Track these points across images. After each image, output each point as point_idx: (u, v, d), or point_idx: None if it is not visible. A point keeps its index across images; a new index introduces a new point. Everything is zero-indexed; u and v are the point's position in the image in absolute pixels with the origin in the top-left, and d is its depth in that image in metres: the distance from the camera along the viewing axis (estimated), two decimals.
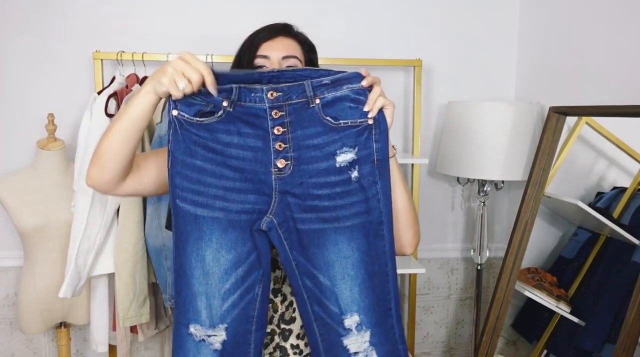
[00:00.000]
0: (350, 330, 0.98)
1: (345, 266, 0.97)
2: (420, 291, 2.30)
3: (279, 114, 0.93)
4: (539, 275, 1.78)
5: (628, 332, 1.37)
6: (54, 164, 1.80)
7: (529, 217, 1.79)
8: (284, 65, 1.11)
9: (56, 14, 1.98)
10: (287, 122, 0.94)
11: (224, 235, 0.95)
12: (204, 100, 0.93)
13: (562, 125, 1.77)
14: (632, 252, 1.49)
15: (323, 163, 0.95)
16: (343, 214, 0.96)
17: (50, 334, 2.11)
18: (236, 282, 0.97)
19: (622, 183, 1.58)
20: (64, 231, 1.76)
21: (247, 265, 0.97)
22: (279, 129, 0.94)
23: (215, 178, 0.94)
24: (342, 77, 0.94)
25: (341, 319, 0.98)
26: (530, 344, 1.80)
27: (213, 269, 0.96)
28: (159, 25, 2.03)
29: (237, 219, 0.95)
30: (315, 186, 0.95)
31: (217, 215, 0.95)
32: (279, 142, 0.94)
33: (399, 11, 2.16)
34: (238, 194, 0.95)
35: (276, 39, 1.13)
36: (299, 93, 0.93)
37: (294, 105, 0.93)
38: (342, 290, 0.97)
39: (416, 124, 2.08)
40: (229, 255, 0.96)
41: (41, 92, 2.00)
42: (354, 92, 0.95)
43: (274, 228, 0.95)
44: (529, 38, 2.14)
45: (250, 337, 0.99)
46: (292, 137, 0.94)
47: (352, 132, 0.95)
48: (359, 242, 0.97)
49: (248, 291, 0.97)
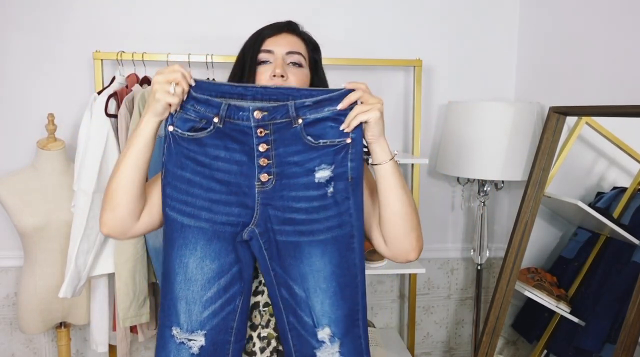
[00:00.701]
0: (323, 342, 1.02)
1: (318, 279, 1.01)
2: (420, 291, 2.30)
3: (263, 133, 0.98)
4: (539, 275, 1.78)
5: (628, 332, 1.37)
6: (54, 164, 1.80)
7: (529, 217, 1.79)
8: (288, 60, 1.12)
9: (56, 14, 1.98)
10: (271, 140, 0.98)
11: (209, 245, 1.00)
12: (197, 116, 0.98)
13: (562, 125, 1.77)
14: (632, 252, 1.49)
15: (303, 178, 1.00)
16: (317, 228, 1.00)
17: (50, 334, 2.11)
18: (218, 292, 1.00)
19: (622, 183, 1.58)
20: (64, 231, 1.76)
21: (230, 276, 1.01)
22: (264, 146, 0.98)
23: (202, 190, 0.99)
24: (324, 99, 0.98)
25: (314, 332, 1.01)
26: (530, 344, 1.80)
27: (196, 277, 1.00)
28: (159, 25, 2.03)
29: (221, 230, 1.00)
30: (294, 199, 0.99)
31: (203, 225, 0.99)
32: (263, 158, 0.98)
33: (399, 11, 2.16)
34: (223, 206, 0.99)
35: (280, 35, 1.14)
36: (283, 113, 0.97)
37: (278, 125, 0.98)
38: (314, 302, 1.01)
39: (416, 124, 2.07)
40: (212, 265, 1.00)
41: (41, 92, 2.00)
42: (335, 113, 0.98)
43: (255, 238, 0.99)
44: (529, 38, 2.14)
45: (228, 348, 1.02)
46: (275, 154, 0.99)
47: (330, 151, 0.99)
48: (331, 255, 1.01)
49: (229, 302, 1.01)
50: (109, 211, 1.02)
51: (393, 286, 2.33)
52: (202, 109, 0.97)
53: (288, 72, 1.11)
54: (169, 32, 2.03)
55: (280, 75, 1.09)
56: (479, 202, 2.09)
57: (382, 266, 1.94)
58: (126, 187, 1.00)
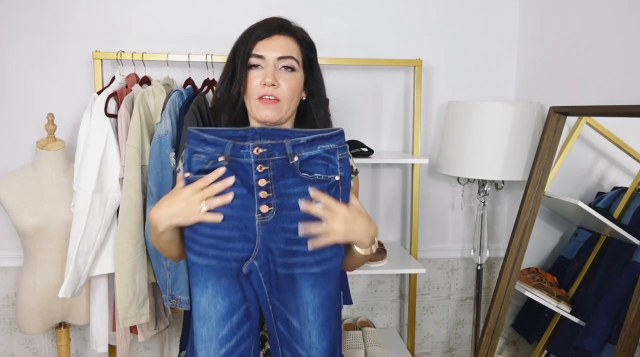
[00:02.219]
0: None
1: (307, 311, 1.03)
2: (420, 291, 2.30)
3: (263, 168, 1.01)
4: (539, 275, 1.78)
5: (628, 332, 1.36)
6: (54, 164, 1.80)
7: (529, 217, 1.79)
8: (279, 66, 1.12)
9: (56, 14, 1.98)
10: (270, 175, 1.01)
11: (218, 282, 1.02)
12: (206, 158, 1.02)
13: (562, 125, 1.77)
14: (632, 252, 1.49)
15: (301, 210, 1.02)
16: (309, 261, 1.02)
17: (50, 334, 2.11)
18: (232, 330, 1.03)
19: (623, 183, 1.58)
20: (63, 231, 1.75)
21: (241, 313, 1.03)
22: (263, 181, 1.01)
23: (208, 227, 1.01)
24: (316, 138, 1.02)
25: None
26: (530, 344, 1.80)
27: (210, 314, 1.02)
28: (159, 25, 2.03)
29: (228, 267, 1.02)
30: (295, 231, 1.01)
31: (211, 262, 1.02)
32: (263, 191, 1.01)
33: (399, 11, 2.16)
34: (228, 242, 1.01)
35: (272, 37, 1.13)
36: (281, 151, 1.01)
37: (277, 161, 1.01)
38: (304, 334, 1.04)
39: (416, 124, 2.07)
40: (224, 302, 1.02)
41: (41, 92, 2.00)
42: (325, 151, 1.02)
43: (255, 271, 1.01)
44: (529, 38, 2.14)
45: None
46: (275, 187, 1.01)
47: (323, 186, 1.02)
48: (321, 288, 1.03)
49: (244, 338, 1.03)
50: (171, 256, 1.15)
51: (393, 286, 2.33)
52: (210, 149, 1.01)
53: (279, 79, 1.11)
54: (169, 32, 2.03)
55: (270, 84, 1.09)
56: (479, 202, 2.09)
57: (382, 266, 1.94)
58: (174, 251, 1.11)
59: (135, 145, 1.67)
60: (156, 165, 1.67)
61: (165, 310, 1.93)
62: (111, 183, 1.71)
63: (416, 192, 2.11)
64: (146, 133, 1.72)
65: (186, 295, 1.70)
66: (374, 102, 2.18)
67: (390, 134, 2.22)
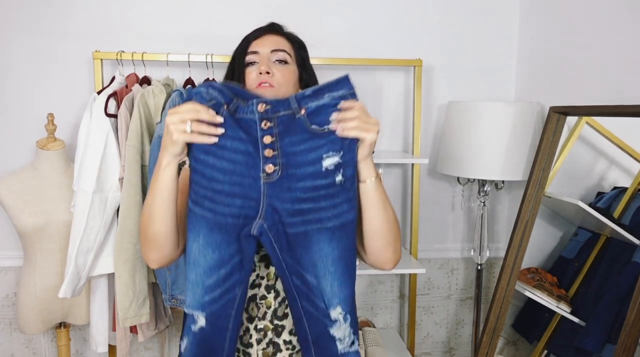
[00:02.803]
0: (336, 321, 1.04)
1: (326, 263, 1.02)
2: (420, 291, 2.30)
3: (268, 125, 0.99)
4: (539, 275, 1.78)
5: (628, 332, 1.36)
6: (54, 164, 1.80)
7: (529, 217, 1.79)
8: (273, 58, 1.17)
9: (56, 14, 1.98)
10: (276, 132, 0.99)
11: (210, 235, 1.00)
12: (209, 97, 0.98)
13: (562, 125, 1.77)
14: (632, 252, 1.49)
15: (310, 167, 0.99)
16: (325, 216, 1.01)
17: (50, 334, 2.11)
18: (217, 281, 1.01)
19: (623, 183, 1.58)
20: (63, 231, 1.76)
21: (230, 267, 1.01)
22: (268, 138, 0.99)
23: (205, 179, 0.99)
24: (322, 87, 0.99)
25: (327, 313, 1.04)
26: (530, 344, 1.80)
27: (199, 262, 1.01)
28: (159, 25, 2.03)
29: (223, 222, 1.00)
30: (302, 190, 0.99)
31: (206, 214, 1.00)
32: (268, 149, 0.99)
33: (399, 11, 2.16)
34: (226, 197, 0.99)
35: (264, 36, 1.19)
36: (286, 106, 0.99)
37: (282, 117, 0.99)
38: (324, 286, 1.03)
39: (416, 124, 2.07)
40: (213, 254, 1.01)
41: (41, 92, 2.00)
42: (335, 99, 0.99)
43: (265, 232, 0.99)
44: (529, 38, 2.14)
45: (226, 334, 1.03)
46: (281, 145, 0.99)
47: (337, 137, 0.99)
48: (339, 240, 1.02)
49: (228, 291, 1.02)
50: (155, 252, 1.07)
51: (393, 286, 2.33)
52: (215, 93, 0.98)
53: (273, 69, 1.15)
54: (169, 32, 2.03)
55: (265, 72, 1.13)
56: (479, 202, 2.09)
57: None
58: (166, 228, 1.04)
59: (135, 145, 1.67)
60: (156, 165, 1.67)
61: (165, 310, 1.93)
62: (111, 183, 1.71)
63: (416, 192, 2.11)
64: (146, 133, 1.72)
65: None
66: (374, 102, 2.17)
67: (390, 134, 2.22)
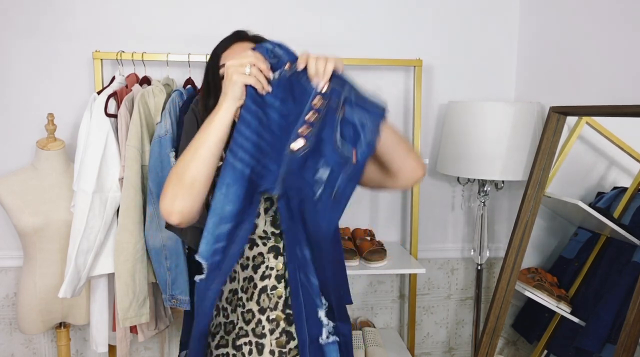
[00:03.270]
0: (323, 303, 1.10)
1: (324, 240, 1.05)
2: (420, 291, 2.30)
3: (318, 104, 1.01)
4: (539, 275, 1.78)
5: (628, 332, 1.36)
6: (54, 164, 1.80)
7: (529, 217, 1.79)
8: None
9: (56, 14, 1.98)
10: (322, 114, 1.01)
11: (232, 186, 1.01)
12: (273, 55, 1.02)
13: (562, 125, 1.77)
14: (632, 252, 1.49)
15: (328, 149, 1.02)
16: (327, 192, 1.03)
17: (50, 334, 2.11)
18: (229, 231, 1.03)
19: (623, 183, 1.58)
20: (63, 231, 1.75)
21: (244, 221, 1.03)
22: (313, 115, 1.01)
23: (249, 130, 1.01)
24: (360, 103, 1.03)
25: (318, 292, 1.09)
26: (530, 344, 1.80)
27: (217, 211, 1.02)
28: (159, 25, 2.03)
29: (248, 175, 1.02)
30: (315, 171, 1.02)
31: (236, 165, 1.01)
32: (306, 125, 1.01)
33: (399, 11, 2.16)
34: (257, 153, 1.02)
35: (232, 46, 1.20)
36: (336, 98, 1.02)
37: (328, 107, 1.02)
38: (319, 264, 1.07)
39: (416, 124, 2.07)
40: (233, 207, 1.02)
41: (41, 92, 2.00)
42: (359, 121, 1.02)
43: (283, 197, 1.03)
44: (529, 38, 2.14)
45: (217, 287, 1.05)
46: (318, 126, 1.01)
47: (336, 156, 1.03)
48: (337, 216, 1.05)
49: (238, 243, 1.04)
50: (186, 200, 1.01)
51: (393, 286, 2.33)
52: (281, 52, 1.02)
53: None
54: (169, 32, 2.03)
55: None
56: (479, 202, 2.09)
57: (382, 266, 1.94)
58: (206, 174, 1.01)
59: (135, 145, 1.67)
60: (156, 165, 1.67)
61: (165, 310, 1.93)
62: (111, 183, 1.71)
63: (416, 192, 2.11)
64: (146, 133, 1.72)
65: (186, 295, 1.70)
66: None
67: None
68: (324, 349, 1.11)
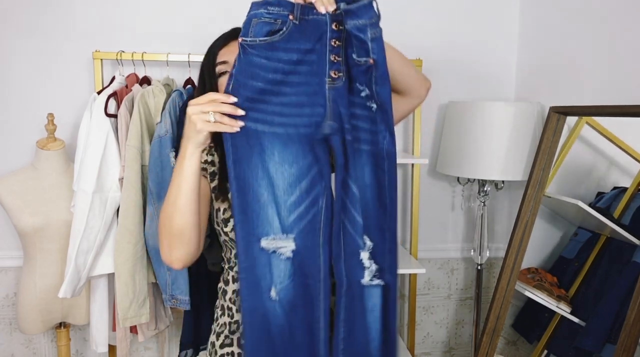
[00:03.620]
0: (365, 244, 1.03)
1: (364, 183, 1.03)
2: (420, 291, 2.30)
3: (339, 27, 0.99)
4: (539, 275, 1.78)
5: (628, 332, 1.36)
6: (54, 164, 1.80)
7: (529, 217, 1.79)
8: None
9: (56, 14, 1.98)
10: (343, 37, 0.99)
11: (285, 149, 1.00)
12: (272, 17, 0.98)
13: (562, 125, 1.77)
14: (632, 252, 1.49)
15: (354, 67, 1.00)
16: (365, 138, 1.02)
17: (50, 334, 2.11)
18: (301, 196, 1.01)
19: (623, 183, 1.58)
20: (63, 231, 1.76)
21: (310, 178, 1.01)
22: (336, 42, 0.99)
23: (273, 96, 0.99)
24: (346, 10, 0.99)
25: (362, 233, 1.03)
26: (530, 344, 1.80)
27: (277, 182, 1.00)
28: (159, 25, 2.03)
29: (295, 133, 1.00)
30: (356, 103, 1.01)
31: (277, 130, 1.00)
32: (334, 54, 0.99)
33: (399, 11, 2.16)
34: (295, 108, 1.00)
35: (230, 43, 1.18)
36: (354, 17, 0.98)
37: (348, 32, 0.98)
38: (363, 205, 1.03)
39: (416, 124, 2.07)
40: (291, 169, 1.00)
41: (41, 92, 2.00)
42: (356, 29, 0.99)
43: (335, 132, 0.99)
44: (529, 38, 2.14)
45: (318, 250, 1.01)
46: (345, 53, 0.99)
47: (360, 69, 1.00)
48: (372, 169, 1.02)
49: (313, 204, 1.01)
50: (181, 249, 1.03)
51: None
52: (276, 9, 0.97)
53: None
54: (169, 32, 2.03)
55: None
56: (479, 202, 2.09)
57: None
58: (191, 222, 1.01)
59: (135, 145, 1.67)
60: (156, 165, 1.67)
61: (165, 310, 1.93)
62: (111, 183, 1.71)
63: (416, 192, 2.11)
64: (146, 133, 1.72)
65: (186, 295, 1.70)
66: None
67: None
68: (364, 292, 1.04)
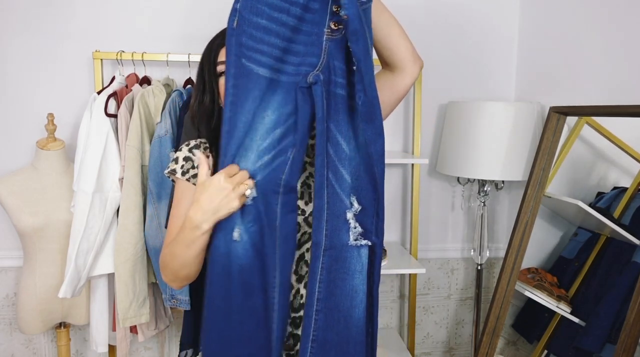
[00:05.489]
0: (353, 205, 1.01)
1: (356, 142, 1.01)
2: (420, 291, 2.30)
3: None
4: (539, 275, 1.78)
5: (628, 332, 1.37)
6: (54, 164, 1.80)
7: (529, 217, 1.79)
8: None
9: (56, 14, 1.98)
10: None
11: (273, 95, 0.99)
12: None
13: (562, 125, 1.77)
14: (632, 252, 1.49)
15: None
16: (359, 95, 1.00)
17: (50, 334, 2.11)
18: (272, 143, 1.00)
19: (623, 183, 1.58)
20: (63, 231, 1.76)
21: (285, 127, 1.00)
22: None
23: (278, 39, 0.98)
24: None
25: (349, 192, 1.01)
26: (530, 344, 1.80)
27: (257, 126, 0.99)
28: (159, 25, 2.03)
29: (286, 81, 0.99)
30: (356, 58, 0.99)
31: (273, 76, 0.99)
32: (335, 5, 0.98)
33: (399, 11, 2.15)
34: (294, 56, 0.99)
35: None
36: None
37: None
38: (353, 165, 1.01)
39: (416, 124, 2.07)
40: (272, 115, 0.99)
41: (41, 92, 2.00)
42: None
43: (320, 83, 0.98)
44: (529, 38, 2.14)
45: (277, 199, 1.00)
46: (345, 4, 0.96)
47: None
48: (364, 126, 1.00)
49: (281, 153, 1.00)
50: (184, 282, 1.10)
51: (393, 286, 2.33)
52: None
53: None
54: (169, 32, 2.03)
55: None
56: (479, 202, 2.09)
57: (382, 266, 1.93)
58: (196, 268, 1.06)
59: (135, 145, 1.67)
60: (156, 165, 1.67)
61: (165, 310, 1.93)
62: (111, 183, 1.71)
63: (416, 192, 2.11)
64: (146, 133, 1.72)
65: (186, 295, 1.70)
66: None
67: (390, 134, 2.22)
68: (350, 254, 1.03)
